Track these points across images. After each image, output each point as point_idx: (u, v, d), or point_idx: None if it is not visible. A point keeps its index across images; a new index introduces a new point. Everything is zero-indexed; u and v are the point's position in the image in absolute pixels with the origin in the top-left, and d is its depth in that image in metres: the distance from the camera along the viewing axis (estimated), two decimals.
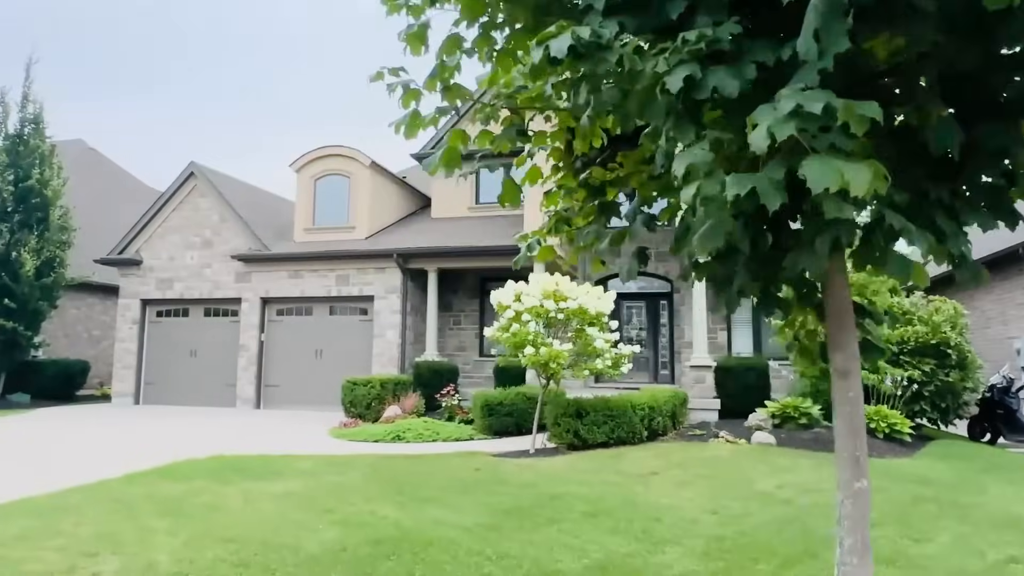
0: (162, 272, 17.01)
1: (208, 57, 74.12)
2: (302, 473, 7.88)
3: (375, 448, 10.04)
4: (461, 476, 7.67)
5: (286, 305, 16.34)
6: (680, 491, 6.74)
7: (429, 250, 15.10)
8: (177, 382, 16.76)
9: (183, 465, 8.45)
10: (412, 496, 6.58)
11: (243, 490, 6.92)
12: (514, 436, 10.91)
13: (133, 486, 7.14)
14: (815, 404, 10.77)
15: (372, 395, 12.92)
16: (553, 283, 9.34)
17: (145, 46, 64.41)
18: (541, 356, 8.69)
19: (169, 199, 17.13)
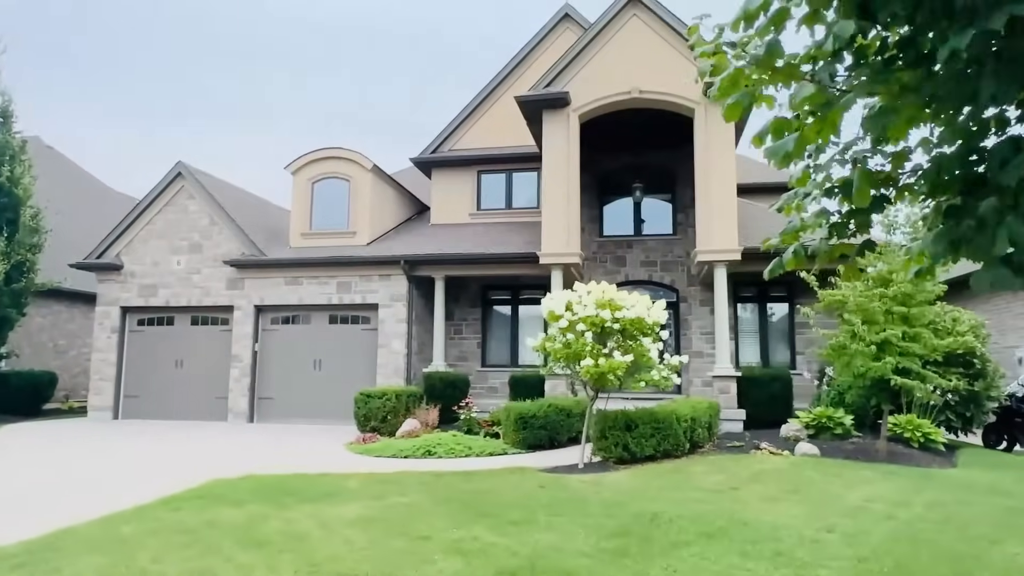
0: (145, 278, 16.01)
1: (179, 63, 71.55)
2: (358, 494, 7.37)
3: (410, 464, 9.54)
4: (531, 494, 7.29)
5: (282, 313, 15.59)
6: (774, 507, 6.53)
7: (439, 257, 14.64)
8: (161, 395, 15.76)
9: (218, 486, 7.82)
10: (500, 518, 6.16)
11: (310, 515, 6.38)
12: (547, 450, 10.56)
13: (182, 512, 6.51)
14: (847, 414, 10.79)
15: (388, 408, 12.36)
16: (600, 291, 9.06)
17: (112, 47, 61.69)
18: (601, 367, 8.38)
19: (153, 201, 16.16)
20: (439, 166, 17.45)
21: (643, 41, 13.32)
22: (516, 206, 17.17)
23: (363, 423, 12.38)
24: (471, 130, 17.58)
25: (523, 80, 17.38)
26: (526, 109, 13.69)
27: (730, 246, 12.62)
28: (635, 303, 8.89)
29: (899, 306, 9.19)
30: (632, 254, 16.36)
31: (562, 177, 13.32)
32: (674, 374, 9.15)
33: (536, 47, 17.49)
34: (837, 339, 9.35)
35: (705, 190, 12.84)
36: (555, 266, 13.34)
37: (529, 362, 16.28)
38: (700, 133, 12.98)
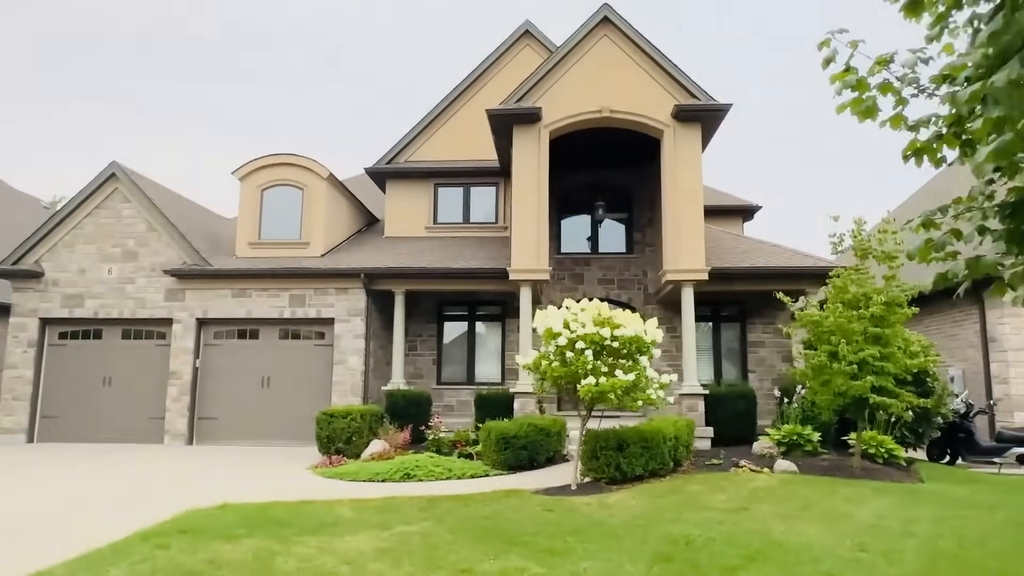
0: (70, 287, 14.61)
1: (102, 65, 66.41)
2: (358, 523, 6.86)
3: (392, 488, 9.03)
4: (544, 519, 7.01)
5: (227, 327, 14.59)
6: (794, 526, 6.55)
7: (402, 271, 14.15)
8: (85, 416, 14.37)
9: (195, 517, 7.10)
10: (531, 547, 5.86)
11: (323, 550, 5.85)
12: (527, 471, 10.30)
13: (172, 550, 5.82)
14: (814, 431, 11.13)
15: (352, 428, 11.73)
16: (595, 309, 8.95)
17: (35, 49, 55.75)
18: (602, 386, 8.24)
19: (82, 203, 14.81)
20: (395, 177, 16.97)
21: (614, 61, 13.47)
22: (474, 221, 16.92)
23: (325, 445, 11.69)
24: (427, 143, 17.23)
25: (482, 94, 17.25)
26: (496, 123, 13.52)
27: (698, 266, 12.87)
28: (631, 321, 8.83)
29: (873, 327, 9.57)
30: (590, 272, 16.43)
31: (532, 192, 13.21)
32: (663, 391, 9.13)
33: (495, 63, 17.40)
34: (818, 358, 9.62)
35: (673, 210, 13.06)
36: (524, 282, 13.17)
37: (486, 380, 16.02)
38: (668, 154, 13.21)
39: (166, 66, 72.31)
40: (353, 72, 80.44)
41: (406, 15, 78.21)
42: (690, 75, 13.22)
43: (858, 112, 3.43)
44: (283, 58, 78.83)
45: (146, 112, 69.91)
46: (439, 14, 76.98)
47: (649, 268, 16.17)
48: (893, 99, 3.40)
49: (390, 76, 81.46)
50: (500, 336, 16.26)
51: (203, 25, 71.72)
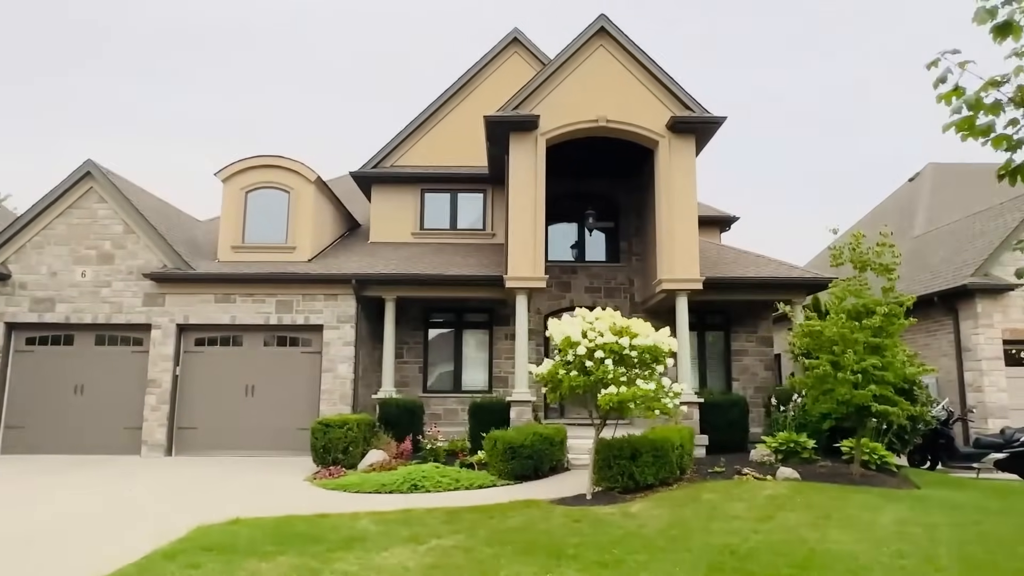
0: (39, 290, 13.88)
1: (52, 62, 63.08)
2: (388, 537, 6.68)
3: (403, 500, 8.85)
4: (574, 530, 6.96)
5: (209, 334, 14.08)
6: (826, 534, 6.65)
7: (395, 277, 13.92)
8: (55, 426, 13.63)
9: (213, 534, 6.84)
10: (580, 560, 5.80)
11: (367, 566, 5.68)
12: (533, 480, 10.24)
13: (204, 569, 5.55)
14: (810, 439, 11.38)
15: (349, 438, 11.45)
16: (609, 318, 8.96)
17: None
18: (623, 395, 8.23)
19: (53, 203, 14.08)
20: (381, 182, 16.71)
21: (610, 71, 13.57)
22: (461, 227, 16.78)
23: (321, 455, 11.37)
24: (414, 148, 17.02)
25: (470, 101, 17.17)
26: (492, 129, 13.45)
27: (692, 275, 13.02)
28: (646, 330, 8.87)
29: (873, 337, 9.85)
30: (577, 280, 16.48)
31: (529, 200, 13.18)
32: (678, 400, 9.18)
33: (483, 69, 17.34)
34: (823, 368, 9.83)
35: (667, 220, 13.19)
36: (520, 290, 13.11)
37: (473, 387, 15.88)
38: (663, 165, 13.35)
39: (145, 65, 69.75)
40: (323, 73, 79.14)
41: (391, 18, 77.23)
42: (684, 87, 13.42)
43: (969, 131, 3.50)
44: (242, 58, 77.06)
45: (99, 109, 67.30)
46: (425, 19, 76.39)
47: (636, 277, 16.32)
48: (1005, 118, 3.48)
49: (361, 77, 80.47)
50: (487, 344, 16.15)
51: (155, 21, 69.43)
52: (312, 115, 75.09)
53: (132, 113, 67.86)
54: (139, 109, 68.28)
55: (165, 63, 71.31)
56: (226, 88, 75.45)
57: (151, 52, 70.11)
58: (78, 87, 67.58)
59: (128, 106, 68.23)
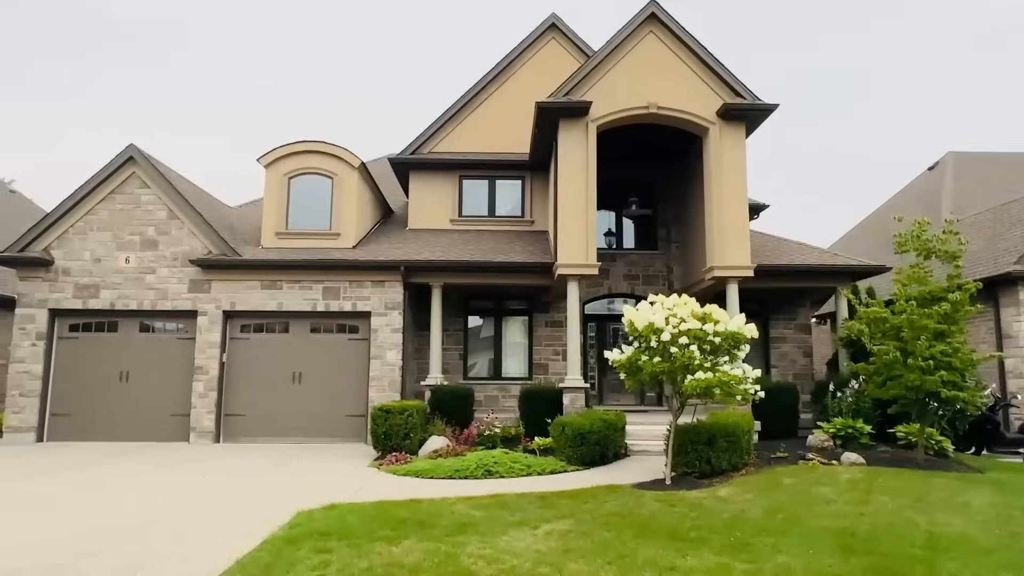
0: (83, 277, 13.74)
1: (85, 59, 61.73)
2: (497, 522, 6.69)
3: (481, 486, 8.83)
4: (677, 514, 7.00)
5: (255, 320, 14.00)
6: (932, 517, 6.73)
7: (442, 264, 13.87)
8: (100, 413, 13.55)
9: (318, 519, 6.81)
10: (708, 543, 5.83)
11: (497, 549, 5.70)
12: (600, 466, 10.32)
13: (339, 554, 5.55)
14: (866, 424, 11.50)
15: (410, 424, 11.45)
16: (684, 304, 8.97)
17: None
18: (711, 380, 8.27)
19: (96, 188, 13.91)
20: (419, 168, 16.61)
21: (660, 58, 13.51)
22: (500, 214, 16.73)
23: (382, 441, 11.36)
24: (451, 134, 16.91)
25: (507, 87, 17.09)
26: (543, 115, 13.39)
27: (744, 262, 13.06)
28: (727, 317, 8.90)
29: (940, 324, 9.93)
30: (615, 267, 16.50)
31: (580, 186, 13.14)
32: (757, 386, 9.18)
33: (520, 56, 17.21)
34: (893, 354, 9.91)
35: (718, 207, 13.20)
36: (572, 277, 13.10)
37: (513, 375, 15.92)
38: (713, 152, 13.34)
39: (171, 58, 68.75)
40: (348, 62, 78.33)
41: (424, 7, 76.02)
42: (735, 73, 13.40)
43: None
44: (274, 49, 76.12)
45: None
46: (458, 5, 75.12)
47: (676, 264, 16.36)
48: None
49: (388, 69, 79.75)
50: (527, 331, 16.16)
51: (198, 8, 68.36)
52: (334, 104, 74.47)
53: (140, 101, 67.01)
54: (146, 97, 67.44)
55: (174, 48, 70.37)
56: (253, 74, 74.62)
57: (158, 39, 69.16)
58: (82, 74, 66.60)
59: (134, 95, 67.35)
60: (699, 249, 14.34)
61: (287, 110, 72.22)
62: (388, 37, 77.54)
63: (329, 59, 79.11)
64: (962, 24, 65.96)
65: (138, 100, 66.30)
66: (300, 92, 75.24)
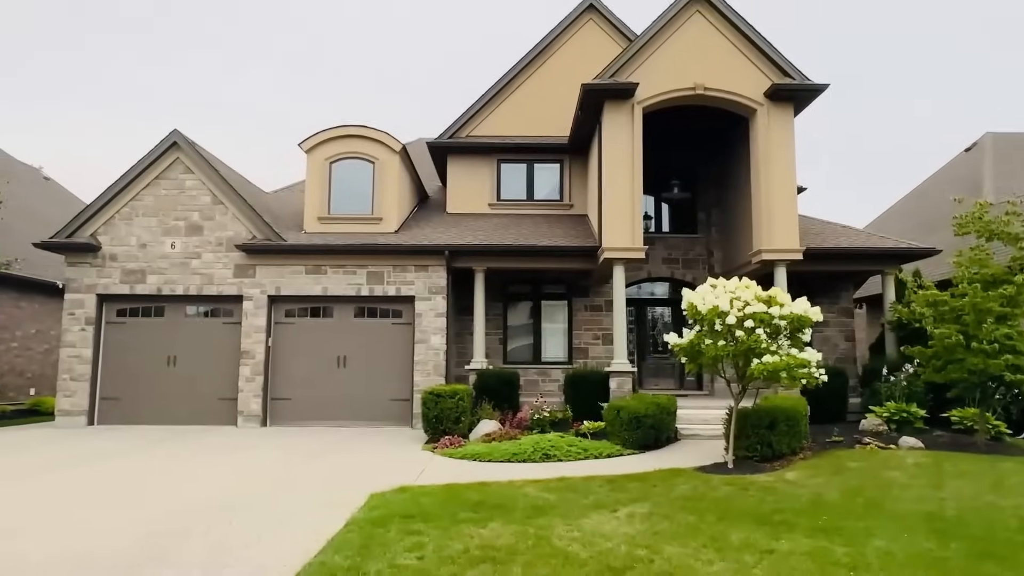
0: (129, 262, 13.85)
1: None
2: (575, 505, 6.69)
3: (542, 469, 8.84)
4: (752, 498, 6.97)
5: (299, 305, 14.07)
6: (1017, 501, 6.65)
7: (486, 248, 13.83)
8: (148, 397, 13.71)
9: (394, 502, 6.84)
10: (798, 527, 5.80)
11: (585, 532, 5.70)
12: (654, 450, 10.31)
13: (429, 536, 5.57)
14: (920, 408, 11.38)
15: (460, 408, 11.49)
16: (745, 287, 8.89)
17: None
18: (779, 364, 8.21)
19: (141, 173, 13.98)
20: (457, 152, 16.55)
21: (706, 38, 13.31)
22: (538, 198, 16.65)
23: (434, 424, 11.42)
24: (489, 118, 16.81)
25: (543, 71, 16.95)
26: (588, 97, 13.24)
27: (792, 245, 12.92)
28: (789, 300, 8.81)
29: (1002, 307, 9.79)
30: (654, 251, 16.35)
31: (626, 169, 13.03)
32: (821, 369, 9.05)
33: (557, 38, 17.03)
34: (955, 337, 9.79)
35: (766, 190, 13.04)
36: (618, 261, 13.02)
37: (552, 359, 15.91)
38: (761, 133, 13.16)
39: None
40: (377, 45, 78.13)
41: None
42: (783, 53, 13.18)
43: None
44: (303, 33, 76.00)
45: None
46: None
47: (716, 248, 16.22)
48: None
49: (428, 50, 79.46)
50: (566, 315, 16.13)
51: None
52: (365, 88, 74.36)
53: (150, 92, 67.24)
54: (157, 87, 67.65)
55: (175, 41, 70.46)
56: (284, 63, 74.65)
57: (162, 30, 69.24)
58: (89, 64, 66.91)
59: (146, 86, 67.58)
60: (743, 232, 14.20)
61: (316, 100, 72.19)
62: (421, 21, 77.01)
63: (355, 43, 78.88)
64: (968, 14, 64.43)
65: (143, 92, 66.51)
66: (320, 80, 75.16)
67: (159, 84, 66.61)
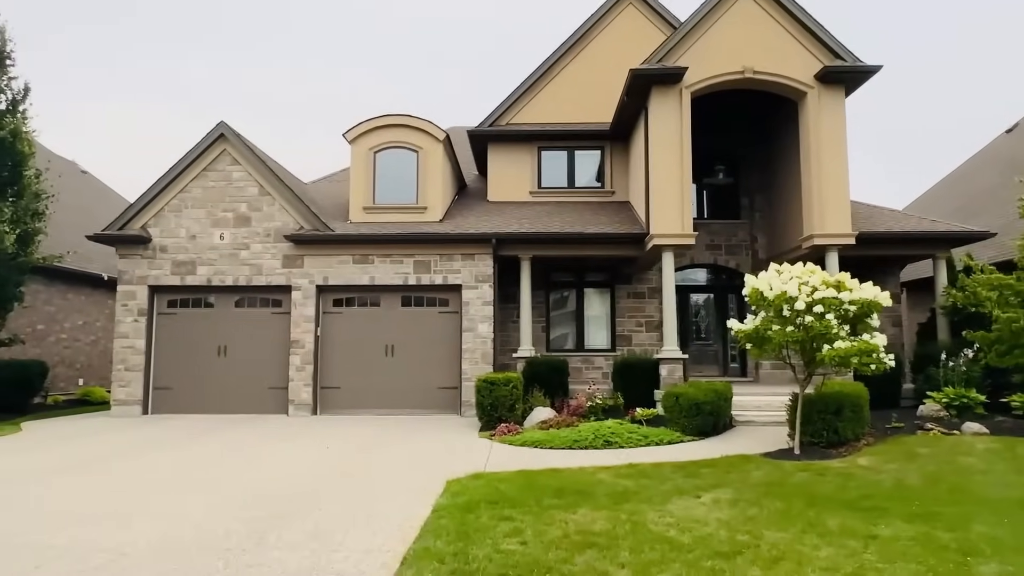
0: (179, 253, 14.02)
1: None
2: (656, 492, 6.69)
3: (605, 456, 8.84)
4: (832, 484, 6.94)
5: (347, 295, 14.17)
6: None
7: (532, 235, 13.83)
8: (200, 386, 13.91)
9: (474, 488, 6.88)
10: (892, 513, 5.75)
11: (678, 517, 5.70)
12: (712, 436, 10.29)
13: (523, 522, 5.60)
14: (979, 393, 11.25)
15: (515, 396, 11.54)
16: (810, 273, 8.81)
17: None
18: (850, 349, 8.14)
19: (189, 165, 14.13)
20: (497, 140, 16.52)
21: (755, 20, 13.14)
22: (579, 185, 16.60)
23: (488, 412, 11.48)
24: (528, 106, 16.74)
25: (582, 57, 16.84)
26: (635, 82, 13.13)
27: (844, 230, 12.78)
28: (856, 285, 8.72)
29: None
30: (697, 237, 16.16)
31: (674, 154, 12.93)
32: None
33: (596, 24, 16.89)
34: (1022, 321, 9.65)
35: (816, 174, 12.90)
36: (667, 247, 12.96)
37: (595, 347, 15.90)
38: (811, 116, 12.99)
39: None
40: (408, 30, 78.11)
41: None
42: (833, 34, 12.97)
43: None
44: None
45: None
46: None
47: (760, 233, 16.08)
48: None
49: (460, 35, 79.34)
50: (609, 303, 16.09)
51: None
52: (392, 77, 74.43)
53: (170, 79, 67.74)
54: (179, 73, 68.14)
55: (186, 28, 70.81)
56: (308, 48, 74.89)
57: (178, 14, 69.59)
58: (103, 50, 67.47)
59: (164, 71, 68.07)
60: (791, 217, 14.06)
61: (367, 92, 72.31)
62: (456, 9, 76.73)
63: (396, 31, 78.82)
64: None
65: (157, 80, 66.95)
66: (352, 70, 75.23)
67: (165, 73, 67.05)
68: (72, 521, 5.87)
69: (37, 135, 14.01)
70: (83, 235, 16.37)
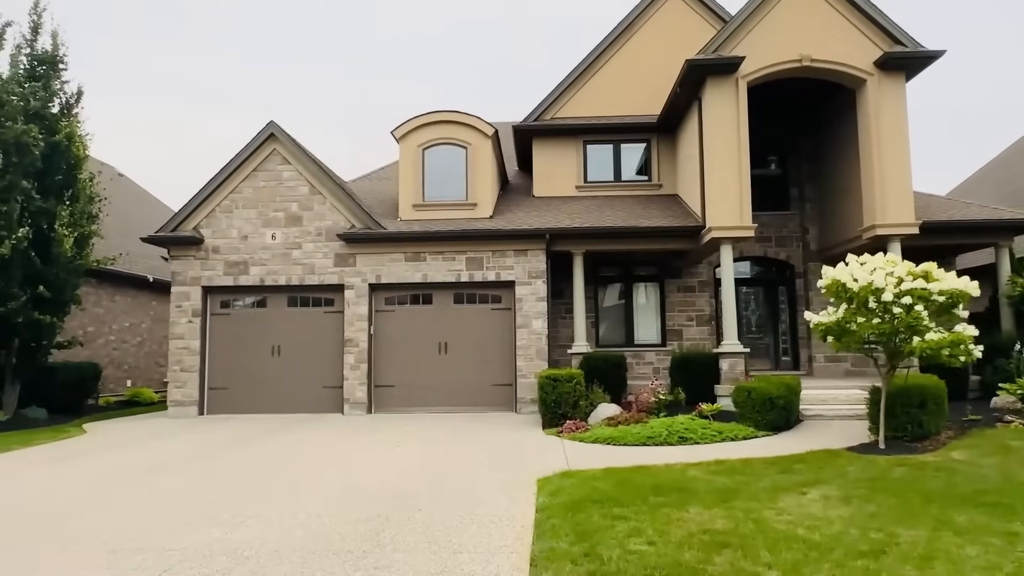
0: (231, 254, 14.04)
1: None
2: (758, 488, 6.54)
3: (689, 452, 8.71)
4: (939, 479, 6.75)
5: (399, 293, 14.12)
6: None
7: (585, 230, 13.72)
8: (255, 386, 13.94)
9: (568, 486, 6.77)
10: (1017, 510, 5.59)
11: (794, 515, 5.56)
12: (786, 431, 10.14)
13: (638, 522, 5.49)
14: None
15: (578, 392, 11.42)
16: (893, 262, 8.60)
17: None
18: (942, 341, 7.95)
19: (240, 166, 14.15)
20: (542, 135, 16.39)
21: (811, 7, 12.90)
22: (625, 179, 16.43)
23: (552, 408, 11.37)
24: (572, 100, 16.58)
25: (626, 50, 16.65)
26: (690, 73, 12.95)
27: (907, 219, 12.52)
28: (944, 275, 8.51)
29: None
30: None
31: (731, 145, 12.74)
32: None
33: (640, 15, 16.69)
34: None
35: (878, 163, 12.64)
36: (726, 240, 12.77)
37: (645, 341, 15.74)
38: (871, 104, 12.73)
39: None
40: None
41: None
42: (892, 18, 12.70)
43: None
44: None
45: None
46: None
47: (811, 224, 15.82)
48: None
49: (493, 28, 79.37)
50: (658, 297, 15.92)
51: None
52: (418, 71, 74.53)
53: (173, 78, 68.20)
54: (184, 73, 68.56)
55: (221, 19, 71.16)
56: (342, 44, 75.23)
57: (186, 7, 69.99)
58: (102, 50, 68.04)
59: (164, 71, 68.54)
60: (846, 207, 13.82)
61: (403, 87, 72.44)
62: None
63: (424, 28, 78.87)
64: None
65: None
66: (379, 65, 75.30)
67: (180, 74, 67.48)
68: (183, 522, 5.84)
69: (89, 139, 14.05)
70: (123, 237, 16.52)
